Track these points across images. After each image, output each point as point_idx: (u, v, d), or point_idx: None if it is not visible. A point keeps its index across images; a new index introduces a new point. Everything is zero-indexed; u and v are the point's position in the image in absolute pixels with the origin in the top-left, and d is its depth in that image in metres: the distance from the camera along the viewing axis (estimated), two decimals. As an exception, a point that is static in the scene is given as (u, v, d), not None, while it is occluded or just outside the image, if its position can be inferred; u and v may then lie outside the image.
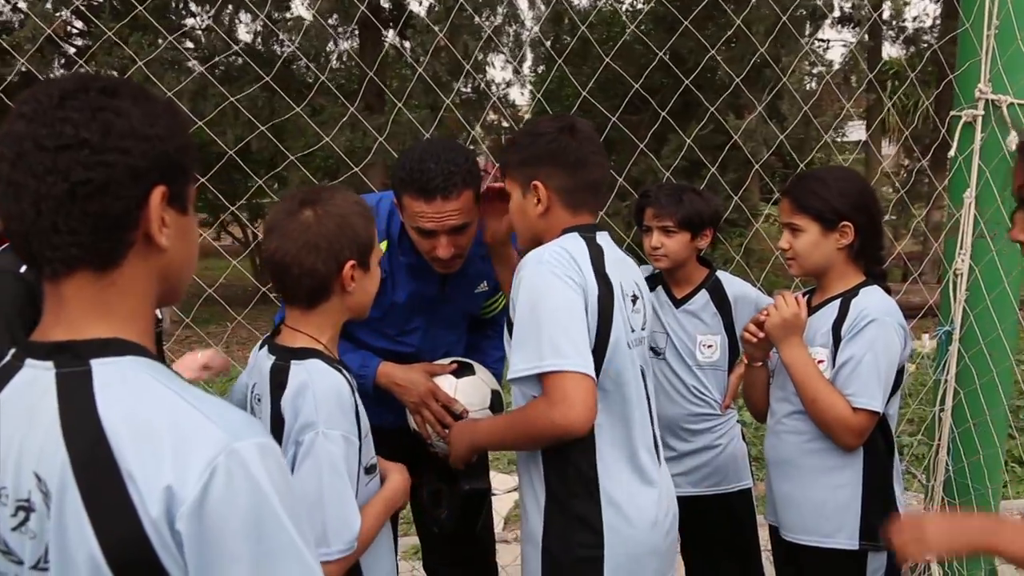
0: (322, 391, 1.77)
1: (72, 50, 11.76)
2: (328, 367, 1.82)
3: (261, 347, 1.96)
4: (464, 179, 2.29)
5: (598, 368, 1.99)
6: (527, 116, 16.90)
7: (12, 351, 1.13)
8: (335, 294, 1.87)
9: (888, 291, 2.48)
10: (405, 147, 2.76)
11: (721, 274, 3.03)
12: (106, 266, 1.08)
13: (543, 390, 1.94)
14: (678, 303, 2.98)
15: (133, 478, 0.99)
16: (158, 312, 2.54)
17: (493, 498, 2.83)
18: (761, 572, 2.95)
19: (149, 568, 0.99)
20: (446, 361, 2.56)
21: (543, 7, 12.08)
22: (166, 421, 1.01)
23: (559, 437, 1.95)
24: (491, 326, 2.88)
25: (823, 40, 15.37)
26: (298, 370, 1.80)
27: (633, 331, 2.11)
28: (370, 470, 1.93)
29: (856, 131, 16.87)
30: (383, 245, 2.51)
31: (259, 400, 1.88)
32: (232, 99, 3.25)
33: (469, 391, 2.48)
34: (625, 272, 2.14)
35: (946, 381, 3.50)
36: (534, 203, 2.10)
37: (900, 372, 2.42)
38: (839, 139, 14.45)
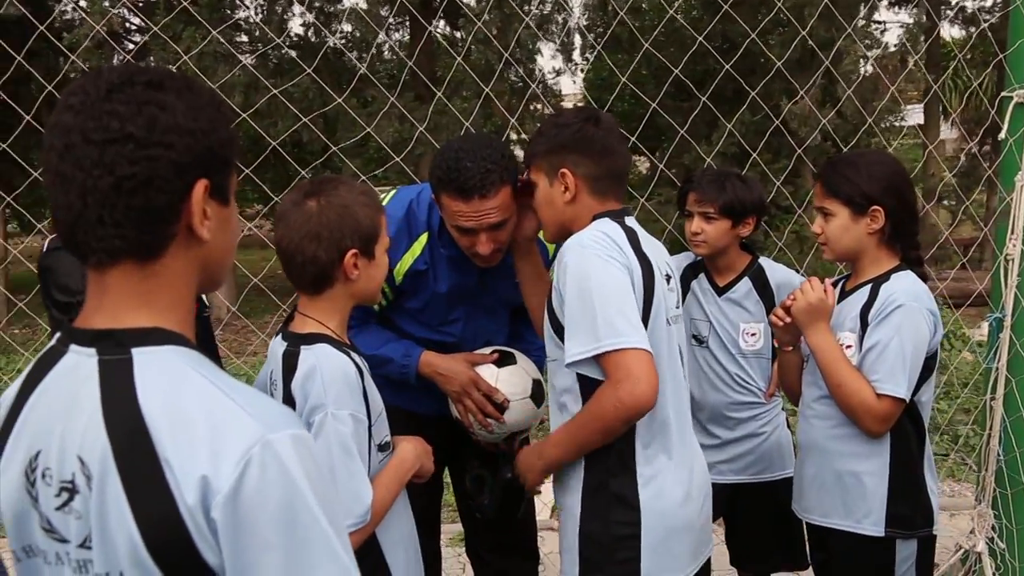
0: (330, 373, 1.85)
1: (130, 46, 12.00)
2: (336, 351, 1.90)
3: (277, 335, 2.02)
4: (501, 176, 2.29)
5: None
6: (579, 104, 16.83)
7: (57, 335, 1.17)
8: (339, 281, 1.93)
9: (924, 276, 2.45)
10: (451, 137, 2.76)
11: (764, 261, 3.00)
12: (149, 257, 1.10)
13: (605, 372, 1.97)
14: (720, 291, 2.96)
15: (170, 465, 1.01)
16: (204, 298, 2.61)
17: (536, 485, 2.85)
18: (806, 559, 2.93)
19: (185, 551, 1.01)
20: (487, 350, 2.58)
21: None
22: (203, 411, 1.03)
23: (630, 417, 1.97)
24: (524, 325, 2.85)
25: (879, 22, 15.04)
26: (307, 355, 1.88)
27: (670, 309, 2.14)
28: (384, 447, 1.99)
29: (915, 115, 16.52)
30: (424, 237, 2.53)
31: (275, 386, 1.95)
32: (274, 91, 3.29)
33: (511, 380, 2.50)
34: (658, 252, 2.18)
35: (997, 369, 3.43)
36: (561, 191, 2.13)
37: (932, 358, 2.38)
38: (897, 123, 14.15)
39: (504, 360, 2.54)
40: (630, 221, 2.16)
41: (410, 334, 2.62)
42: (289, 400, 1.87)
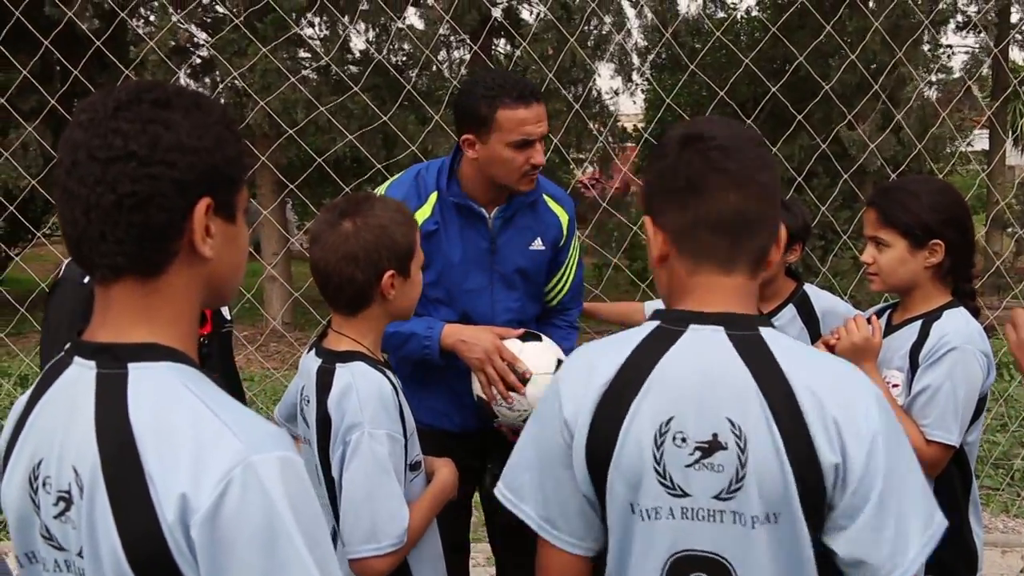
0: (366, 392, 1.86)
1: (198, 60, 12.26)
2: (371, 369, 1.91)
3: (309, 350, 2.04)
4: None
5: None
6: (639, 124, 16.77)
7: (67, 347, 1.19)
8: (375, 301, 1.95)
9: (977, 311, 2.35)
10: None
11: (809, 288, 2.96)
12: (150, 274, 1.12)
13: None
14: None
15: (154, 481, 1.03)
16: (224, 312, 2.64)
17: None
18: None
19: (165, 568, 1.02)
20: (515, 332, 2.56)
21: (650, 15, 12.02)
22: (189, 429, 1.05)
23: None
24: (558, 315, 2.87)
25: (946, 46, 14.79)
26: (343, 372, 1.90)
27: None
28: (415, 467, 1.99)
29: (982, 141, 16.18)
30: (433, 196, 2.58)
31: (308, 402, 1.97)
32: (321, 108, 3.33)
33: (535, 354, 2.47)
34: None
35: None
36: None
37: (982, 400, 2.28)
38: (963, 149, 13.88)
39: (529, 337, 2.53)
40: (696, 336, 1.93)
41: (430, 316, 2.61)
42: (324, 417, 1.89)
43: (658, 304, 3.04)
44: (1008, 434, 6.10)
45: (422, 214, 2.56)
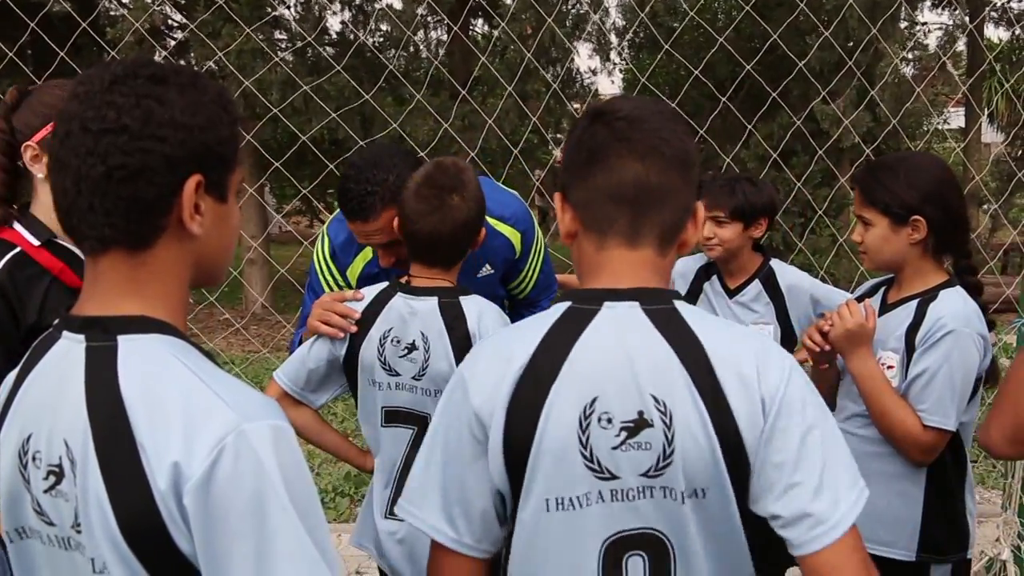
0: (495, 315, 2.20)
1: (172, 43, 12.14)
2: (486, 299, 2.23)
3: (398, 294, 2.20)
4: (383, 199, 2.25)
5: None
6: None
7: (55, 322, 1.20)
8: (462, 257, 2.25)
9: (978, 288, 2.32)
10: (487, 136, 2.76)
11: (775, 263, 3.00)
12: (139, 247, 1.13)
13: None
14: (731, 293, 2.98)
15: (146, 451, 1.04)
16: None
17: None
18: None
19: (158, 537, 1.03)
20: None
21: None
22: (180, 398, 1.06)
23: None
24: (525, 307, 2.86)
25: (921, 23, 14.83)
26: (469, 303, 2.19)
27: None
28: None
29: (958, 118, 16.27)
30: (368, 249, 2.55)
31: (398, 341, 2.17)
32: (305, 87, 3.32)
33: None
34: None
35: None
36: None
37: (978, 381, 2.28)
38: (939, 126, 13.96)
39: None
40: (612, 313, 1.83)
41: None
42: (466, 341, 2.11)
43: None
44: (985, 407, 6.16)
45: (363, 258, 2.56)
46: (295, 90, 5.84)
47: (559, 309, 1.39)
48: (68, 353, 1.13)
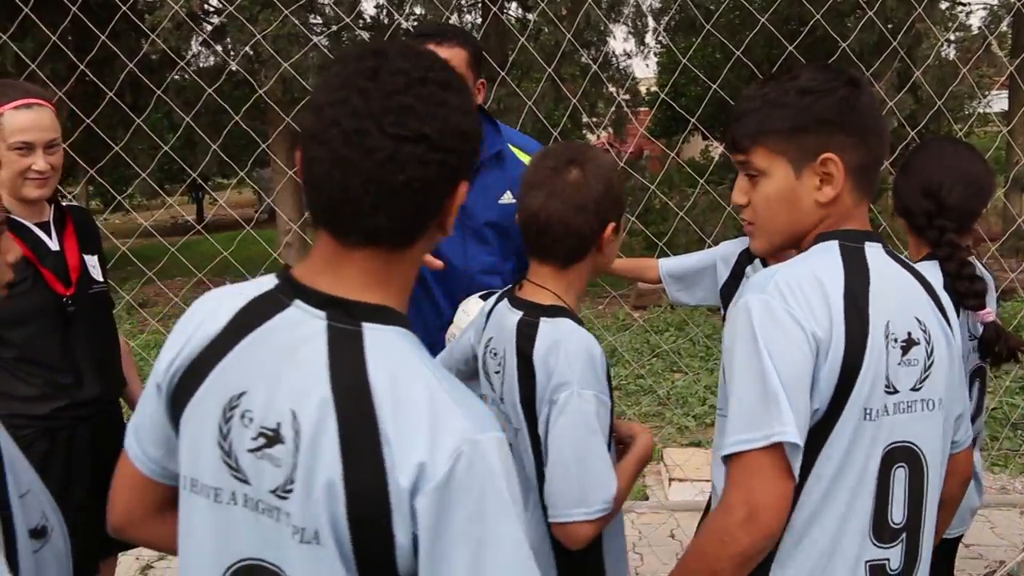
0: (574, 350, 1.75)
1: (209, 28, 12.22)
2: (578, 327, 1.80)
3: (499, 301, 1.95)
4: None
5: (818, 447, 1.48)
6: (652, 88, 16.61)
7: (274, 284, 1.19)
8: (590, 254, 1.84)
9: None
10: (523, 119, 2.75)
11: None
12: (403, 245, 1.15)
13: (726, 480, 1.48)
14: None
15: (390, 444, 1.05)
16: (97, 274, 2.66)
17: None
18: None
19: (381, 526, 1.05)
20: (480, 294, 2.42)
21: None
22: (426, 400, 1.07)
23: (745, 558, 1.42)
24: None
25: (963, 3, 14.55)
26: (548, 328, 1.79)
27: (892, 391, 1.50)
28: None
29: (1001, 102, 15.95)
30: None
31: (495, 354, 1.88)
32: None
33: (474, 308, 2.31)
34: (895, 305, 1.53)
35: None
36: (815, 185, 1.54)
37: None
38: (983, 109, 13.71)
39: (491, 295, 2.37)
40: (873, 251, 1.56)
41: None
42: (528, 372, 1.78)
43: (673, 262, 3.02)
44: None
45: None
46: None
47: (831, 245, 1.54)
48: (302, 324, 1.13)
